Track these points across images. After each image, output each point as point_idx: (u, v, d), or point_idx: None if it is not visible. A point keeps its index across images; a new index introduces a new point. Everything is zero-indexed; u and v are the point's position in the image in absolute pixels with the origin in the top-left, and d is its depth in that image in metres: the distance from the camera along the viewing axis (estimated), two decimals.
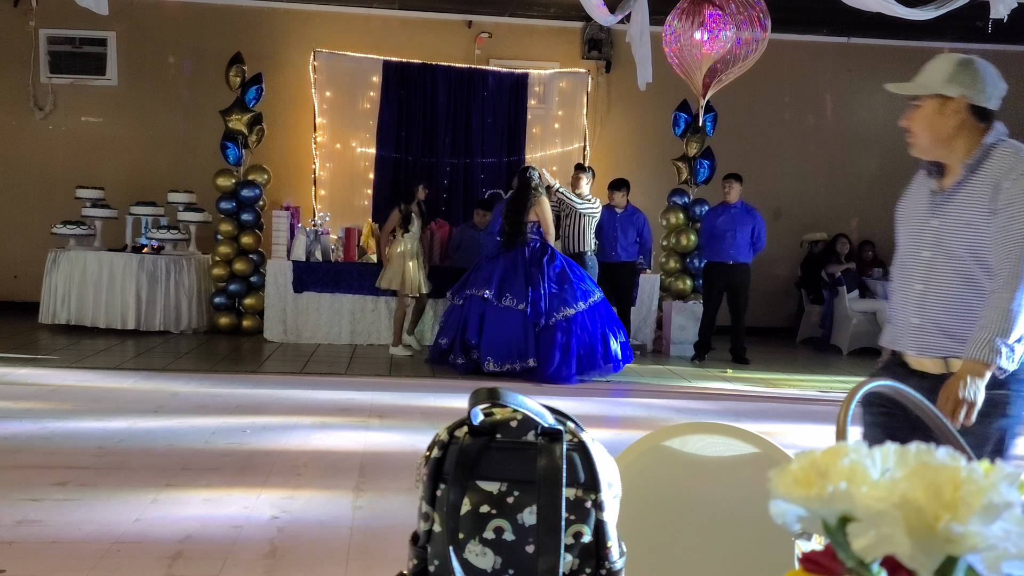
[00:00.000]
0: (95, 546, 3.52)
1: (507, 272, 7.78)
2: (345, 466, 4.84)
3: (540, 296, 7.60)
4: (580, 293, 7.69)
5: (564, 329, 7.60)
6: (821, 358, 9.99)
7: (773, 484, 0.63)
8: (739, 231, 9.03)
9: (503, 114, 11.07)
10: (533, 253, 7.81)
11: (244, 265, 9.80)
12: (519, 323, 7.61)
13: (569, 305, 7.61)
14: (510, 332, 7.63)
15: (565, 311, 7.58)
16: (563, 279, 7.72)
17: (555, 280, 7.70)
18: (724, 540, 1.50)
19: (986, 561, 0.57)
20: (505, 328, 7.63)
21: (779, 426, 6.30)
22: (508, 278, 7.74)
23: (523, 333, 7.61)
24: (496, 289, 7.71)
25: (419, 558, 1.05)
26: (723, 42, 7.72)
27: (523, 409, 1.03)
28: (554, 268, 7.76)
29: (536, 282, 7.66)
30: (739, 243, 9.03)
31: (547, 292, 7.62)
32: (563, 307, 7.59)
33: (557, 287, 7.67)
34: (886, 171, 11.73)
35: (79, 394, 6.42)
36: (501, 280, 7.75)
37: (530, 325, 7.60)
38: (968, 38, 11.30)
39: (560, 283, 7.70)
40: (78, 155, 10.77)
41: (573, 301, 7.63)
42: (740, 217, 9.09)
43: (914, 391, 1.16)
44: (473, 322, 7.75)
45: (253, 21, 10.94)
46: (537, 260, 7.77)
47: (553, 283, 7.68)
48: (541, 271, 7.69)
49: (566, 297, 7.63)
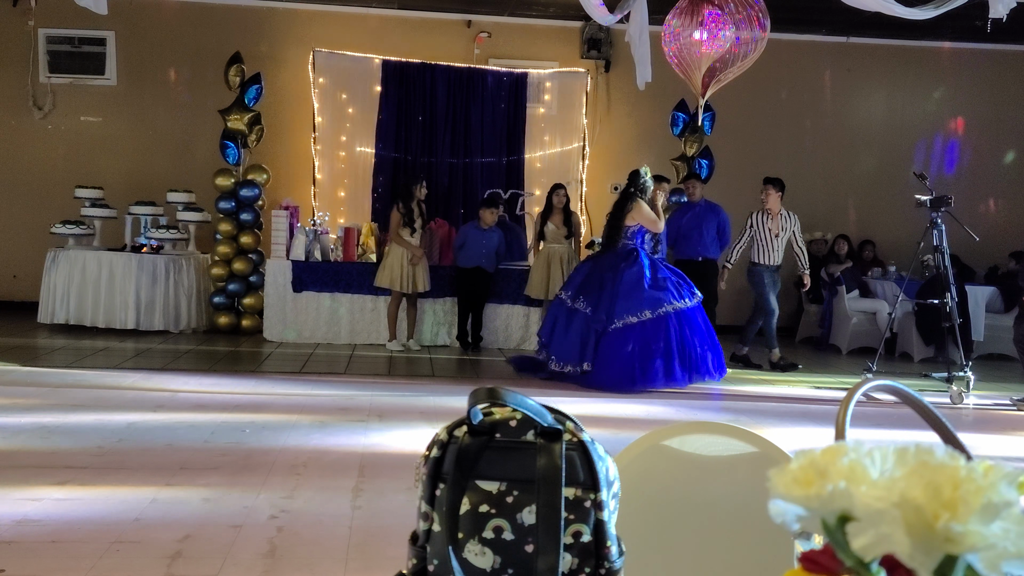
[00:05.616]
0: (94, 546, 3.51)
1: (589, 275, 7.82)
2: (344, 466, 4.84)
3: (603, 300, 7.53)
4: (650, 301, 7.42)
5: (623, 336, 7.41)
6: (820, 357, 10.00)
7: (772, 483, 0.63)
8: (705, 228, 9.29)
9: (502, 114, 11.06)
10: (616, 257, 7.72)
11: (243, 265, 9.79)
12: (582, 326, 7.60)
13: (632, 313, 7.40)
14: (574, 334, 7.62)
15: (627, 318, 7.41)
16: (636, 286, 7.48)
17: (626, 286, 7.50)
18: (723, 540, 1.50)
19: (985, 560, 0.57)
20: (571, 330, 7.65)
21: (778, 425, 6.30)
22: (587, 281, 7.77)
23: (585, 336, 7.57)
24: (574, 291, 7.79)
25: (418, 557, 1.05)
26: (722, 41, 7.71)
27: (522, 409, 1.03)
28: (631, 274, 7.55)
29: (605, 286, 7.58)
30: (706, 240, 9.27)
31: (613, 297, 7.49)
32: (626, 314, 7.41)
33: (626, 293, 7.47)
34: (885, 171, 11.74)
35: (78, 394, 6.42)
36: (581, 283, 7.80)
37: (592, 329, 7.55)
38: (967, 38, 11.32)
39: (632, 289, 7.48)
40: (77, 155, 10.76)
41: (638, 309, 7.40)
42: (704, 215, 9.36)
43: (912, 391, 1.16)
44: (548, 321, 7.98)
45: (252, 21, 10.94)
46: (614, 264, 7.68)
47: (623, 288, 7.49)
48: (615, 275, 7.58)
49: (631, 304, 7.42)
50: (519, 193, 11.04)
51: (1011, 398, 7.71)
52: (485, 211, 9.35)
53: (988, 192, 11.94)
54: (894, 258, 11.11)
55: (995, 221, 11.67)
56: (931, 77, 11.98)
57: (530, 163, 11.19)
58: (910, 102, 11.97)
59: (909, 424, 1.54)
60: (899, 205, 10.88)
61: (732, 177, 10.87)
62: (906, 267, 10.27)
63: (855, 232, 11.60)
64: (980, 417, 7.21)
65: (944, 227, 7.86)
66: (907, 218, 10.40)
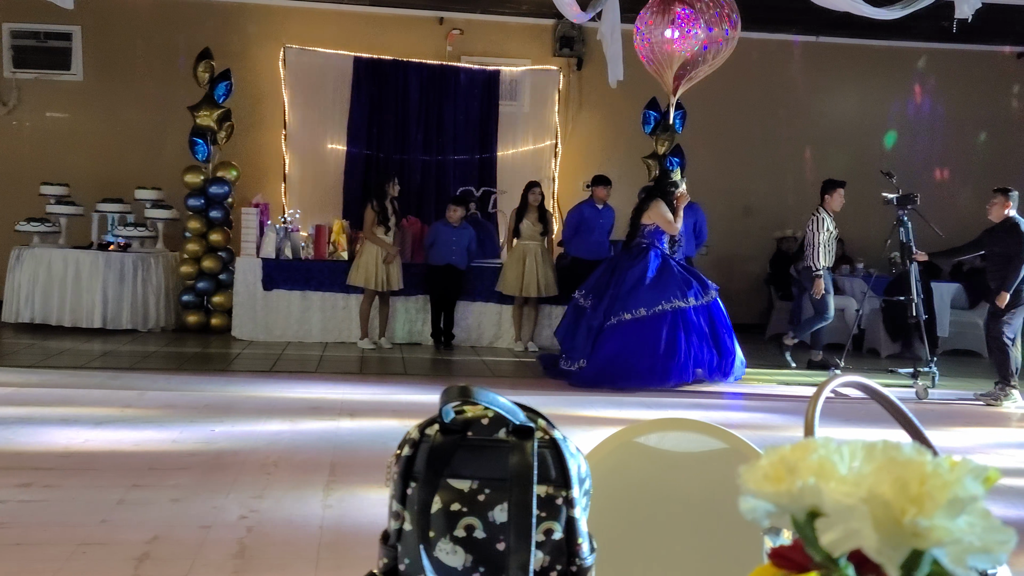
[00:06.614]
0: (60, 548, 3.47)
1: (602, 274, 7.86)
2: (315, 465, 4.82)
3: (605, 297, 7.55)
4: (647, 299, 7.37)
5: (616, 333, 7.39)
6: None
7: (743, 480, 0.63)
8: (683, 226, 9.24)
9: (475, 111, 11.05)
10: (628, 255, 7.73)
11: (213, 263, 9.71)
12: (585, 322, 7.63)
13: (628, 310, 7.38)
14: (582, 331, 7.66)
15: (622, 315, 7.39)
16: (637, 284, 7.46)
17: (628, 284, 7.48)
18: (695, 536, 1.50)
19: (951, 555, 0.57)
20: (579, 327, 7.70)
21: (749, 421, 6.34)
22: (599, 280, 7.81)
23: (586, 332, 7.60)
24: (587, 289, 7.84)
25: (389, 557, 1.04)
26: (693, 40, 7.75)
27: (494, 407, 1.02)
28: (634, 272, 7.53)
29: (611, 283, 7.59)
30: (683, 237, 9.23)
31: (614, 295, 7.49)
32: (623, 311, 7.39)
33: (626, 291, 7.45)
34: (855, 168, 11.85)
35: (44, 394, 6.33)
36: (595, 282, 7.84)
37: (592, 326, 7.56)
38: (934, 38, 11.46)
39: (633, 287, 7.46)
40: (43, 151, 10.61)
41: (634, 306, 7.37)
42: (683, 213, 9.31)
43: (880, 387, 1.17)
44: (564, 319, 8.08)
45: (222, 16, 10.84)
46: (624, 263, 7.69)
47: (624, 286, 7.47)
48: (621, 273, 7.58)
49: (629, 302, 7.40)
50: (492, 191, 11.04)
51: (975, 393, 7.85)
52: (450, 208, 9.35)
53: (955, 189, 12.09)
54: (863, 255, 11.23)
55: (961, 217, 11.82)
56: (899, 76, 12.12)
57: (502, 161, 11.19)
58: (879, 101, 12.11)
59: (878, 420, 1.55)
60: (868, 203, 10.99)
61: (703, 175, 10.93)
62: (875, 264, 10.41)
63: None
64: (945, 412, 7.32)
65: (911, 224, 7.95)
66: (876, 216, 10.51)
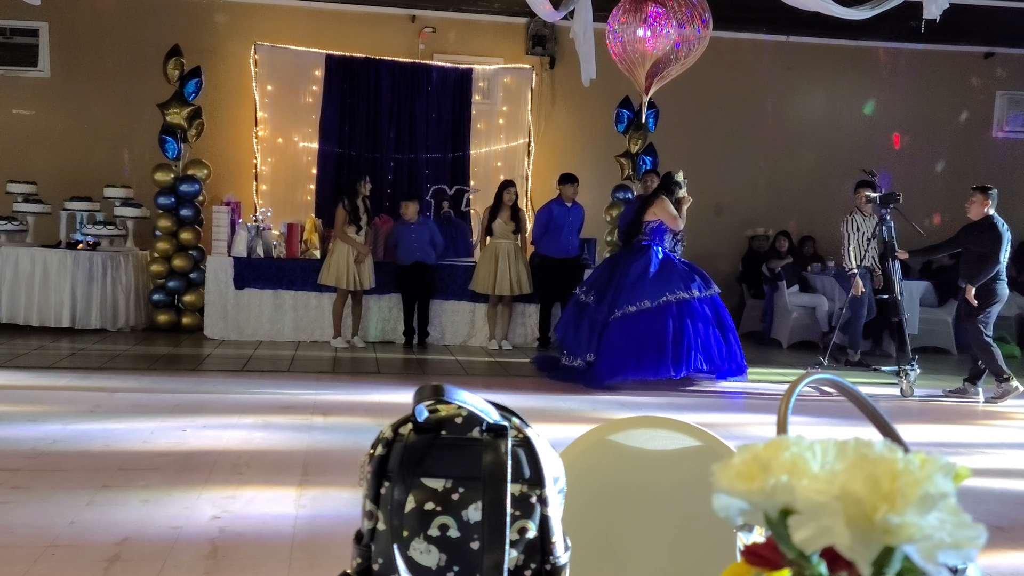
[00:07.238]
0: (28, 550, 3.42)
1: (603, 271, 7.88)
2: (288, 464, 4.79)
3: (608, 292, 7.54)
4: (651, 291, 7.37)
5: (622, 325, 7.37)
6: (762, 351, 10.14)
7: (716, 478, 0.63)
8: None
9: (447, 109, 11.03)
10: (630, 252, 7.74)
11: (183, 261, 9.62)
12: (590, 318, 7.62)
13: (632, 303, 7.38)
14: (583, 327, 7.66)
15: (627, 308, 7.39)
16: (640, 277, 7.47)
17: (631, 278, 7.48)
18: (668, 533, 1.51)
19: (922, 551, 0.58)
20: (580, 323, 7.69)
21: (721, 419, 6.38)
22: (600, 276, 7.83)
23: (592, 328, 7.58)
24: (588, 286, 7.85)
25: (363, 556, 1.04)
26: (665, 39, 7.79)
27: (467, 406, 1.02)
28: (637, 266, 7.53)
29: (613, 279, 7.60)
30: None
31: (618, 289, 7.48)
32: (627, 304, 7.39)
33: (630, 284, 7.45)
34: (824, 168, 11.97)
35: (11, 394, 6.25)
36: (595, 279, 7.85)
37: (596, 321, 7.55)
38: (902, 38, 11.59)
39: (636, 281, 7.46)
40: (9, 149, 10.46)
41: (639, 299, 7.37)
42: None
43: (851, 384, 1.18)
44: (564, 317, 8.05)
45: (191, 13, 10.73)
46: (626, 259, 7.69)
47: (628, 280, 7.47)
48: (624, 269, 7.58)
49: (633, 295, 7.40)
50: (464, 189, 11.02)
51: (944, 389, 7.98)
52: (403, 206, 9.29)
53: (923, 188, 12.24)
54: (833, 254, 11.34)
55: (929, 215, 11.97)
56: (868, 76, 12.25)
57: (475, 159, 11.17)
58: (849, 100, 12.23)
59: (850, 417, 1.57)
60: (839, 201, 11.09)
61: None
62: None
63: (795, 228, 11.81)
64: (920, 408, 7.42)
65: (892, 223, 8.03)
66: (846, 214, 10.60)
